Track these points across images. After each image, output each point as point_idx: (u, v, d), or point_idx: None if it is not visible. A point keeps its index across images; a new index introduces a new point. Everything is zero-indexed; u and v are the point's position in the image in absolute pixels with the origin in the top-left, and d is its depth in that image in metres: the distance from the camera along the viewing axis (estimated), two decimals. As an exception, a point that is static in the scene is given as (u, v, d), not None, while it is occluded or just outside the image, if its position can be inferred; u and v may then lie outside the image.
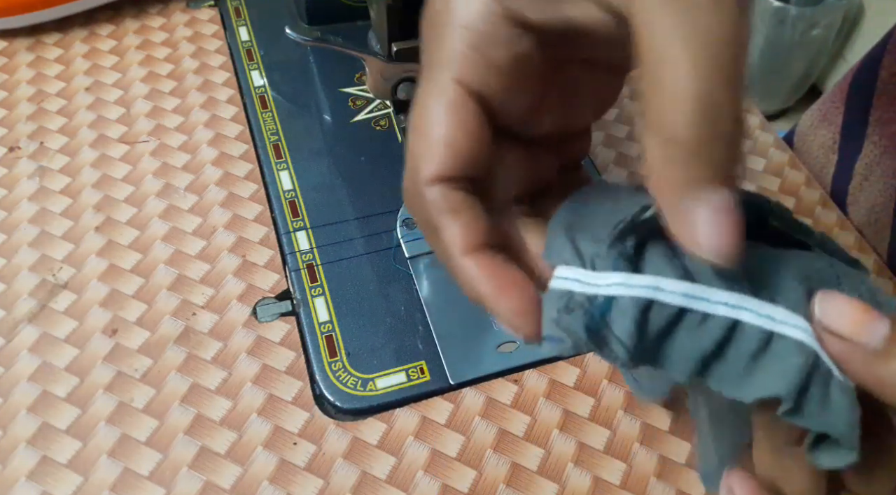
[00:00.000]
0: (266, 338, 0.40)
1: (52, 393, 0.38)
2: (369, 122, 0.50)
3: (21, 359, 0.39)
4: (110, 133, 0.48)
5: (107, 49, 0.53)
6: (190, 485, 0.35)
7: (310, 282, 0.42)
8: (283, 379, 0.39)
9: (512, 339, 0.40)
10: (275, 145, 0.48)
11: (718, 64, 0.16)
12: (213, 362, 0.39)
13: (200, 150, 0.48)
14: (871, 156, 0.51)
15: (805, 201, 0.49)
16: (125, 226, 0.44)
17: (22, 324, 0.40)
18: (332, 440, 0.37)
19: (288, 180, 0.46)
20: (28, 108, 0.49)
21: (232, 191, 0.46)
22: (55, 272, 0.42)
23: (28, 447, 0.36)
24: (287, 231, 0.44)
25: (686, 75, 0.16)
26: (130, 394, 0.38)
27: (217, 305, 0.41)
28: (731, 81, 0.16)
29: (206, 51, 0.53)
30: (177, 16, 0.55)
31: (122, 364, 0.39)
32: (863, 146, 0.52)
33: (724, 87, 0.16)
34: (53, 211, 0.44)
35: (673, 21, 0.16)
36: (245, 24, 0.55)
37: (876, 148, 0.51)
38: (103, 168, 0.46)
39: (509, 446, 0.37)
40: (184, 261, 0.43)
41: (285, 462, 0.36)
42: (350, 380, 0.39)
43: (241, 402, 0.38)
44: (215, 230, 0.44)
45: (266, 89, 0.51)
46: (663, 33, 0.16)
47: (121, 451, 0.36)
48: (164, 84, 0.51)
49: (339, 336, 0.40)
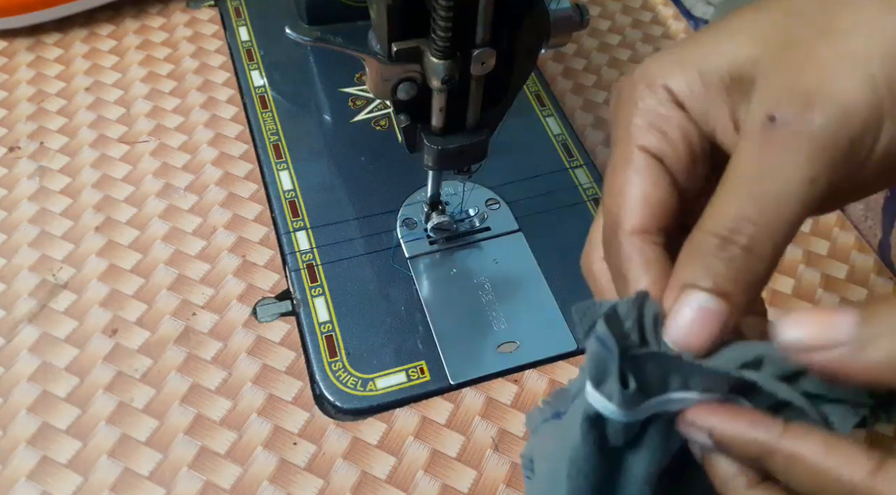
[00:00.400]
0: (266, 338, 0.40)
1: (52, 393, 0.38)
2: (369, 122, 0.50)
3: (21, 359, 0.39)
4: (110, 133, 0.48)
5: (107, 49, 0.53)
6: (190, 485, 0.35)
7: (310, 282, 0.42)
8: (283, 379, 0.39)
9: (512, 340, 0.40)
10: (275, 145, 0.48)
11: (768, 208, 0.19)
12: (213, 362, 0.39)
13: (200, 150, 0.48)
14: None
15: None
16: (125, 226, 0.44)
17: (22, 324, 0.40)
18: (332, 440, 0.37)
19: (288, 180, 0.46)
20: (28, 108, 0.49)
21: (232, 191, 0.46)
22: (55, 272, 0.42)
23: (28, 447, 0.36)
24: (287, 231, 0.44)
25: (736, 201, 0.19)
26: (130, 394, 0.38)
27: (217, 305, 0.41)
28: (769, 227, 0.19)
29: (206, 51, 0.53)
30: (177, 16, 0.55)
31: (122, 364, 0.39)
32: None
33: (758, 226, 0.19)
34: (53, 211, 0.44)
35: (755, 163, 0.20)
36: (245, 24, 0.55)
37: None
38: (103, 168, 0.46)
39: (510, 446, 0.37)
40: (184, 261, 0.43)
41: (285, 462, 0.36)
42: (350, 380, 0.39)
43: (241, 402, 0.38)
44: (215, 230, 0.44)
45: (266, 89, 0.51)
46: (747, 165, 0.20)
47: (121, 451, 0.36)
48: (164, 84, 0.51)
49: (339, 336, 0.40)
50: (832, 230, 0.48)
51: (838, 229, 0.48)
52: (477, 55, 0.31)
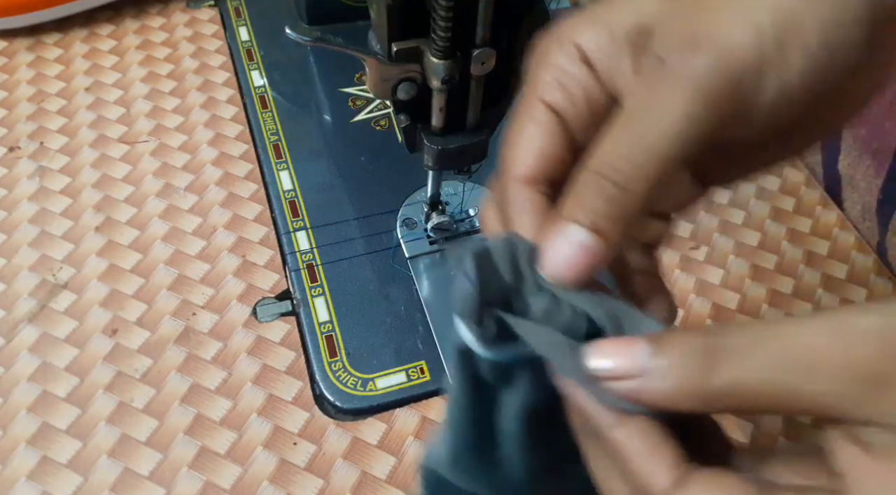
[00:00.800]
0: (266, 338, 0.40)
1: (52, 393, 0.38)
2: (369, 122, 0.50)
3: (21, 359, 0.39)
4: (110, 133, 0.48)
5: (107, 49, 0.53)
6: (190, 485, 0.35)
7: (310, 282, 0.42)
8: (283, 379, 0.39)
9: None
10: (275, 145, 0.48)
11: (642, 145, 0.19)
12: (213, 362, 0.39)
13: (200, 150, 0.48)
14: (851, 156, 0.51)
15: (805, 201, 0.49)
16: (125, 226, 0.44)
17: (22, 324, 0.40)
18: (332, 440, 0.37)
19: (288, 180, 0.46)
20: (28, 108, 0.49)
21: (232, 191, 0.46)
22: (55, 272, 0.42)
23: (28, 447, 0.36)
24: (287, 231, 0.44)
25: (617, 139, 0.20)
26: (130, 394, 0.38)
27: (217, 305, 0.41)
28: (643, 166, 0.19)
29: (206, 51, 0.53)
30: (177, 16, 0.55)
31: (122, 364, 0.39)
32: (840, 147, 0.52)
33: (633, 164, 0.19)
34: (53, 211, 0.44)
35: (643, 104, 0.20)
36: (245, 24, 0.55)
37: (852, 149, 0.51)
38: (103, 168, 0.46)
39: (509, 446, 0.37)
40: (184, 261, 0.43)
41: (285, 462, 0.36)
42: (350, 380, 0.39)
43: (241, 402, 0.38)
44: (215, 230, 0.44)
45: (266, 89, 0.51)
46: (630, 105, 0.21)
47: (121, 451, 0.36)
48: (164, 84, 0.51)
49: (339, 336, 0.40)
50: (832, 230, 0.48)
51: (838, 229, 0.48)
52: (477, 55, 0.31)
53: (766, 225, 0.48)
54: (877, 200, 0.49)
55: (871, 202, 0.49)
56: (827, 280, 0.45)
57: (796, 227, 0.48)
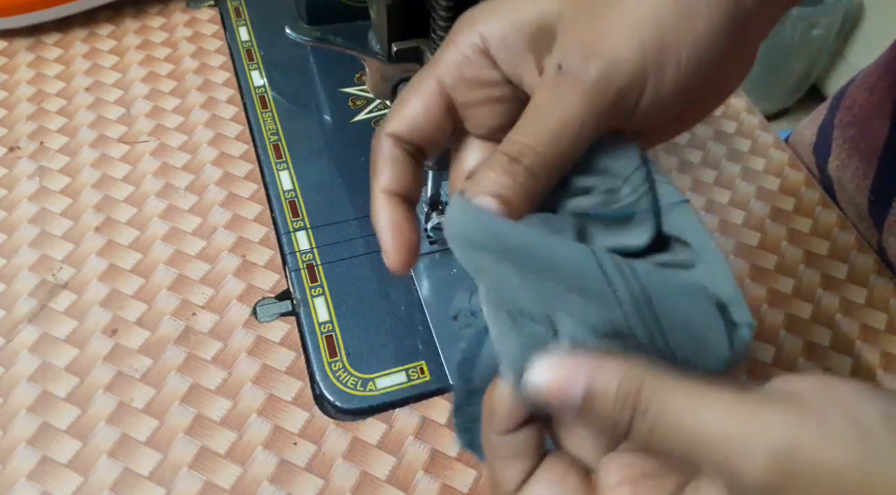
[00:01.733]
0: (266, 338, 0.40)
1: (52, 393, 0.38)
2: (369, 122, 0.50)
3: (21, 359, 0.39)
4: (110, 133, 0.48)
5: (107, 49, 0.53)
6: (190, 485, 0.35)
7: (310, 282, 0.42)
8: (283, 379, 0.39)
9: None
10: (275, 145, 0.48)
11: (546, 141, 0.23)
12: (213, 362, 0.39)
13: (200, 150, 0.48)
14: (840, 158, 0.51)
15: (805, 201, 0.49)
16: (125, 226, 0.44)
17: (22, 324, 0.40)
18: (332, 440, 0.37)
19: (288, 180, 0.46)
20: (28, 108, 0.49)
21: (232, 191, 0.46)
22: (55, 272, 0.42)
23: (28, 447, 0.36)
24: (287, 231, 0.44)
25: (523, 127, 0.23)
26: (130, 394, 0.38)
27: (217, 305, 0.41)
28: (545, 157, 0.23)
29: (206, 51, 0.53)
30: (177, 16, 0.55)
31: (122, 364, 0.39)
32: (831, 148, 0.52)
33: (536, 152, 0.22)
34: (53, 211, 0.44)
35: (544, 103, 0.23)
36: (245, 24, 0.55)
37: (841, 150, 0.51)
38: (103, 168, 0.46)
39: (509, 446, 0.37)
40: (184, 261, 0.43)
41: (285, 462, 0.36)
42: (350, 380, 0.39)
43: (241, 402, 0.38)
44: (215, 230, 0.44)
45: (266, 89, 0.51)
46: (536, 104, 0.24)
47: (121, 451, 0.36)
48: (164, 84, 0.51)
49: (339, 336, 0.40)
50: (832, 230, 0.48)
51: (838, 229, 0.48)
52: (477, 55, 0.31)
53: (766, 225, 0.48)
54: (868, 201, 0.49)
55: (862, 204, 0.49)
56: (827, 280, 0.45)
57: (796, 227, 0.48)
